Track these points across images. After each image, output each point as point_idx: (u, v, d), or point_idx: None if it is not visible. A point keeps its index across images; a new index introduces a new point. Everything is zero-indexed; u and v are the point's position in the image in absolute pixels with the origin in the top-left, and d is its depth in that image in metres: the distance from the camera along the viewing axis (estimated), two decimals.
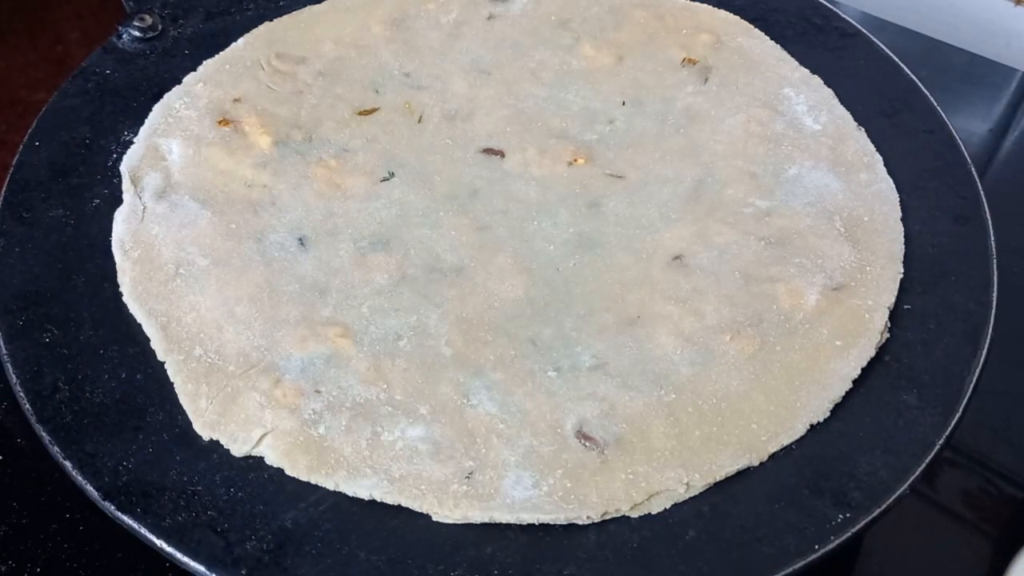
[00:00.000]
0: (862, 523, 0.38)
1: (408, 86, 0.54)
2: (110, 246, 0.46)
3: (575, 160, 0.51)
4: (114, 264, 0.46)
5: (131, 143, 0.51)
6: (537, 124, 0.52)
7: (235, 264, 0.45)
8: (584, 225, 0.48)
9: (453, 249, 0.47)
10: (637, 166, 0.51)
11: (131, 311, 0.44)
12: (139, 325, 0.44)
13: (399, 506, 0.38)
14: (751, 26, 0.58)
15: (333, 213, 0.48)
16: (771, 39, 0.57)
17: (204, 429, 0.40)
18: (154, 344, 0.43)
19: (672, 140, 0.52)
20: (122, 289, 0.45)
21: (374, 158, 0.51)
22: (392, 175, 0.50)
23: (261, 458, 0.40)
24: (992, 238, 0.48)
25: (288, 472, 0.39)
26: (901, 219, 0.48)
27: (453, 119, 0.53)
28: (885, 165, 0.51)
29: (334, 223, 0.48)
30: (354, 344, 0.43)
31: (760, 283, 0.45)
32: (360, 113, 0.53)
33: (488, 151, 0.51)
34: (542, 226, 0.48)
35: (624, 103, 0.54)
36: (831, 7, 0.60)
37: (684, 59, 0.56)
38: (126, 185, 0.49)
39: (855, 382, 0.42)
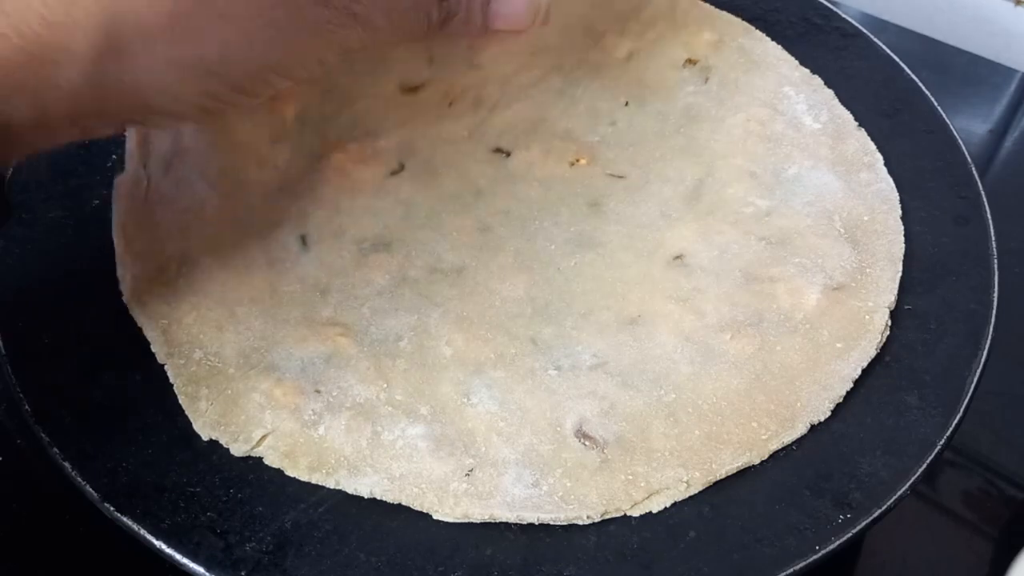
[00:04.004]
0: (863, 524, 0.38)
1: (467, 64, 0.52)
2: (110, 246, 0.46)
3: (577, 160, 0.51)
4: (114, 264, 0.45)
5: None
6: (544, 124, 0.52)
7: (238, 264, 0.45)
8: (585, 224, 0.48)
9: (454, 249, 0.47)
10: (638, 165, 0.51)
11: (132, 313, 0.44)
12: (139, 325, 0.43)
13: (399, 507, 0.38)
14: (751, 26, 0.58)
15: (340, 211, 0.47)
16: (771, 39, 0.57)
17: (204, 429, 0.40)
18: (154, 348, 0.43)
19: (673, 140, 0.52)
20: (122, 287, 0.44)
21: (392, 145, 0.50)
22: (402, 167, 0.49)
23: (261, 459, 0.40)
24: (993, 238, 0.47)
25: (288, 472, 0.39)
26: (901, 219, 0.48)
27: (479, 108, 0.52)
28: (885, 165, 0.51)
29: (339, 222, 0.47)
30: (354, 343, 0.43)
31: (760, 282, 0.45)
32: (404, 92, 0.51)
33: (497, 150, 0.51)
34: (543, 225, 0.48)
35: (627, 103, 0.54)
36: (831, 7, 0.60)
37: (686, 60, 0.56)
38: (130, 148, 0.47)
39: (855, 382, 0.42)
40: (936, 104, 0.54)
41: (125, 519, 0.37)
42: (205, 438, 0.40)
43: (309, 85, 0.49)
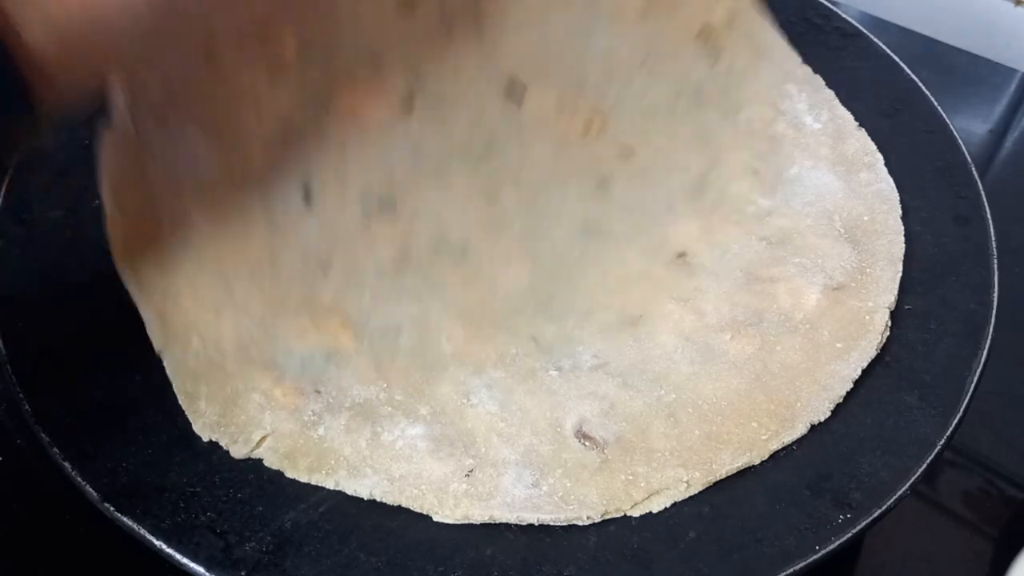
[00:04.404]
0: (863, 524, 0.38)
1: None
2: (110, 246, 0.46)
3: (591, 123, 0.48)
4: (114, 264, 0.45)
5: None
6: (558, 64, 0.48)
7: (236, 226, 0.42)
8: (591, 211, 0.47)
9: (461, 223, 0.45)
10: (649, 143, 0.49)
11: (123, 280, 0.42)
12: (140, 325, 0.43)
13: (399, 507, 0.38)
14: (761, 7, 0.56)
15: (346, 155, 0.44)
16: None
17: (204, 430, 0.40)
18: (150, 332, 0.42)
19: (682, 123, 0.50)
20: (112, 249, 0.42)
21: (401, 79, 0.46)
22: (412, 105, 0.45)
23: (260, 459, 0.40)
24: (993, 238, 0.48)
25: (288, 474, 0.39)
26: (901, 219, 0.48)
27: (482, 36, 0.47)
28: (885, 165, 0.51)
29: (344, 169, 0.44)
30: (355, 338, 0.42)
31: (761, 282, 0.45)
32: (400, 7, 0.46)
33: (510, 88, 0.47)
34: (551, 203, 0.46)
35: (642, 64, 0.50)
36: (831, 7, 0.60)
37: (700, 31, 0.52)
38: (116, 99, 0.41)
39: (855, 382, 0.42)
40: (936, 104, 0.54)
41: (125, 519, 0.37)
42: (205, 439, 0.40)
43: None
